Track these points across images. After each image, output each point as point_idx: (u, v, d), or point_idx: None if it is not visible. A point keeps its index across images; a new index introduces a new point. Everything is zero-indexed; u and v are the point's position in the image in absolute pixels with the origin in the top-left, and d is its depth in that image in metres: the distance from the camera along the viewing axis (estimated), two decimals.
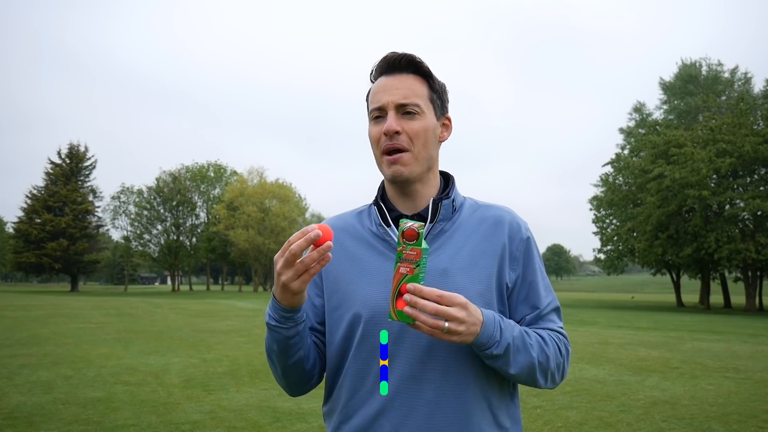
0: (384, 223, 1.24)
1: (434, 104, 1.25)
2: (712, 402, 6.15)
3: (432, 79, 1.25)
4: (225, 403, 5.87)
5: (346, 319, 1.20)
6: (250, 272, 64.87)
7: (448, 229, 1.24)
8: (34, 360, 8.55)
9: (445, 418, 1.13)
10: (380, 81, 1.24)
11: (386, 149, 1.20)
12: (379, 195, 1.30)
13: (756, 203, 26.75)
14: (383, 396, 1.15)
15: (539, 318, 1.24)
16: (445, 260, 1.20)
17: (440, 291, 1.02)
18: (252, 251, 49.66)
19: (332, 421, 1.24)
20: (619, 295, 67.83)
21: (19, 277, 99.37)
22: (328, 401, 1.27)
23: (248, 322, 16.49)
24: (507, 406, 1.21)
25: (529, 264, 1.25)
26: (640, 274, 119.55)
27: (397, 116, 1.20)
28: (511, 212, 1.30)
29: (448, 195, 1.26)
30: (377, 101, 1.22)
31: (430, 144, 1.23)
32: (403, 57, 1.23)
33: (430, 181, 1.27)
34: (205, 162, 59.90)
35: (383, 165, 1.22)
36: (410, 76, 1.23)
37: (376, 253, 1.23)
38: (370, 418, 1.16)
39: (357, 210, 1.35)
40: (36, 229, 50.41)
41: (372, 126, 1.24)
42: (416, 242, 1.03)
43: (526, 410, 5.66)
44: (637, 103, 41.69)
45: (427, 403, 1.13)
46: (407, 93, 1.20)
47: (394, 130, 1.18)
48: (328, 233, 1.05)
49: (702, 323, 18.97)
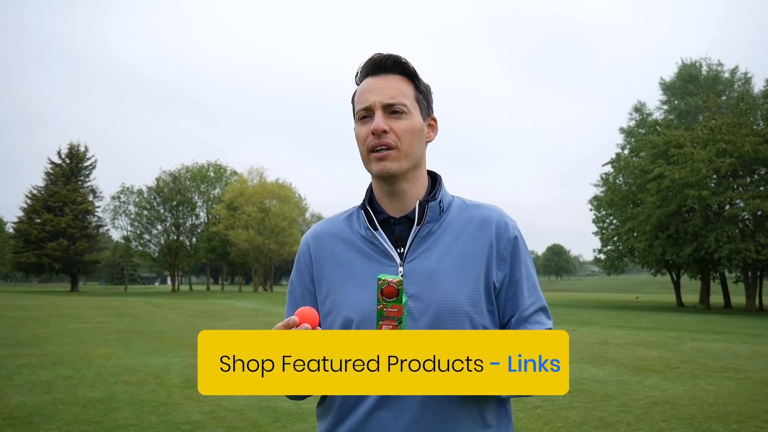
0: (371, 226, 1.25)
1: (420, 104, 1.26)
2: (712, 402, 6.15)
3: (418, 80, 1.26)
4: (225, 403, 5.87)
5: (338, 323, 1.22)
6: (250, 272, 64.87)
7: (436, 231, 1.25)
8: (34, 360, 8.55)
9: (434, 417, 1.15)
10: (367, 82, 1.25)
11: (373, 147, 1.21)
12: (366, 198, 1.31)
13: (756, 203, 26.74)
14: (375, 397, 1.17)
15: (526, 318, 1.25)
16: (432, 262, 1.21)
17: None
18: (252, 251, 49.65)
19: (326, 422, 1.26)
20: (621, 295, 67.80)
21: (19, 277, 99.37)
22: (323, 403, 1.30)
23: (248, 322, 16.49)
24: (496, 406, 1.23)
25: (517, 263, 1.26)
26: (640, 274, 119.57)
27: (385, 116, 1.21)
28: (498, 211, 1.30)
29: (435, 196, 1.27)
30: (364, 101, 1.23)
31: (416, 143, 1.24)
32: (389, 58, 1.23)
33: (417, 180, 1.28)
34: (205, 162, 59.89)
35: (371, 162, 1.23)
36: (396, 76, 1.24)
37: (364, 257, 1.25)
38: (362, 418, 1.18)
39: (346, 213, 1.36)
40: (36, 229, 50.39)
41: (359, 126, 1.25)
42: (396, 299, 1.03)
43: (526, 410, 5.66)
44: (638, 102, 41.71)
45: (417, 403, 1.15)
46: (394, 93, 1.21)
47: (381, 129, 1.19)
48: (314, 320, 1.08)
49: (702, 323, 18.97)
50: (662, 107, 40.54)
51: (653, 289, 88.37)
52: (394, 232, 1.26)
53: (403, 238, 1.25)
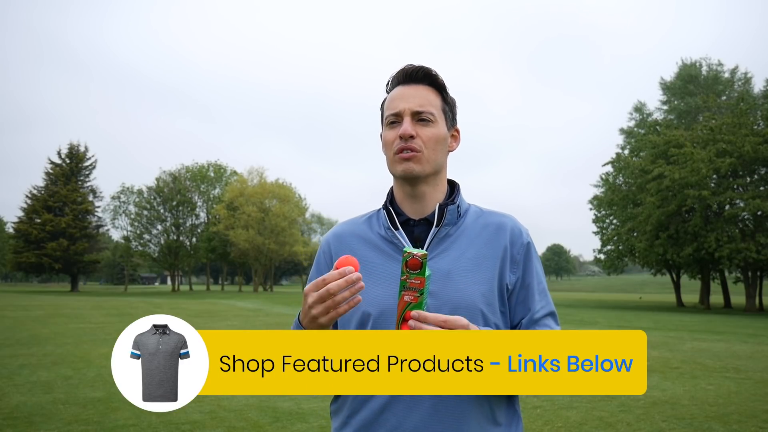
0: (392, 226, 1.31)
1: (446, 115, 1.34)
2: (712, 402, 6.15)
3: (445, 92, 1.34)
4: (225, 403, 5.87)
5: (356, 318, 1.27)
6: (250, 272, 64.87)
7: (453, 234, 1.31)
8: (34, 360, 8.55)
9: (447, 412, 1.18)
10: (397, 90, 1.32)
11: (400, 149, 1.28)
12: (388, 200, 1.37)
13: (756, 203, 26.75)
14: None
15: (536, 321, 1.30)
16: (449, 263, 1.27)
17: (444, 316, 1.08)
18: (252, 251, 49.67)
19: (340, 416, 1.30)
20: (621, 295, 67.79)
21: (19, 277, 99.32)
22: (338, 398, 1.32)
23: (248, 322, 16.49)
24: (506, 405, 1.27)
25: (529, 268, 1.32)
26: (640, 274, 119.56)
27: (413, 122, 1.28)
28: (513, 219, 1.37)
29: (454, 201, 1.34)
30: (394, 108, 1.30)
31: (440, 150, 1.31)
32: (420, 69, 1.31)
33: (437, 185, 1.34)
34: (205, 162, 59.90)
35: (396, 163, 1.30)
36: (426, 87, 1.31)
37: (384, 256, 1.30)
38: (376, 412, 1.21)
39: (366, 215, 1.42)
40: (36, 229, 50.37)
41: (387, 130, 1.32)
42: (420, 271, 1.06)
43: (526, 410, 5.66)
44: (638, 102, 41.73)
45: (431, 398, 1.18)
46: (423, 102, 1.29)
47: (409, 134, 1.26)
48: (356, 264, 1.09)
49: (702, 323, 18.97)
50: (662, 107, 40.57)
51: (653, 289, 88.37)
52: (413, 233, 1.31)
53: (422, 239, 1.30)
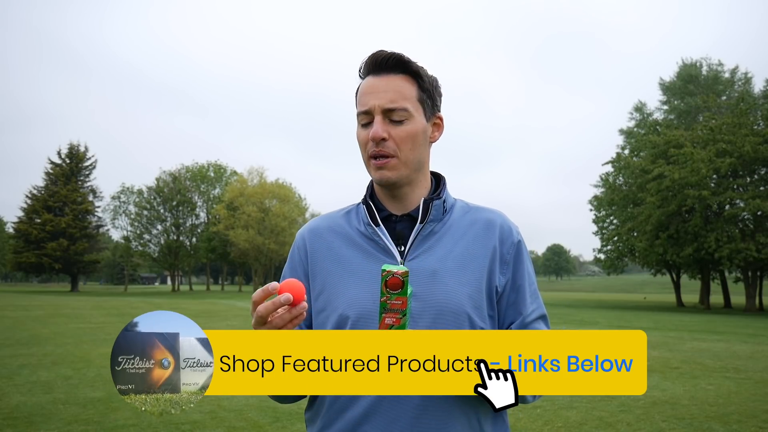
0: (372, 222, 1.22)
1: (424, 105, 1.21)
2: (712, 402, 6.15)
3: (421, 78, 1.20)
4: (225, 403, 5.87)
5: (332, 320, 1.18)
6: (250, 272, 64.84)
7: (438, 230, 1.22)
8: (34, 360, 8.55)
9: (430, 424, 1.11)
10: (367, 81, 1.20)
11: (373, 155, 1.18)
12: (368, 194, 1.27)
13: (756, 203, 26.76)
14: (368, 401, 1.13)
15: (527, 325, 1.23)
16: (434, 262, 1.18)
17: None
18: (252, 251, 49.63)
19: (315, 426, 1.21)
20: (621, 295, 67.77)
21: (19, 277, 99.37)
22: (312, 406, 1.24)
23: (248, 322, 16.44)
24: (493, 415, 1.19)
25: (519, 268, 1.24)
26: (640, 274, 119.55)
27: (384, 121, 1.17)
28: (502, 215, 1.28)
29: (440, 195, 1.24)
30: (364, 104, 1.18)
31: (418, 147, 1.20)
32: (391, 56, 1.18)
33: (419, 182, 1.25)
34: (205, 162, 59.91)
35: (371, 168, 1.21)
36: (398, 76, 1.18)
37: (363, 254, 1.21)
38: (353, 423, 1.13)
39: (345, 209, 1.32)
40: (36, 229, 50.36)
41: (360, 130, 1.21)
42: (401, 291, 1.00)
43: (527, 410, 5.66)
44: (639, 102, 41.72)
45: (414, 408, 1.11)
46: (394, 96, 1.16)
47: (380, 137, 1.15)
48: (299, 292, 1.01)
49: (702, 323, 18.97)
50: (662, 107, 40.57)
51: (653, 289, 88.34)
52: (395, 230, 1.22)
53: (405, 235, 1.21)
